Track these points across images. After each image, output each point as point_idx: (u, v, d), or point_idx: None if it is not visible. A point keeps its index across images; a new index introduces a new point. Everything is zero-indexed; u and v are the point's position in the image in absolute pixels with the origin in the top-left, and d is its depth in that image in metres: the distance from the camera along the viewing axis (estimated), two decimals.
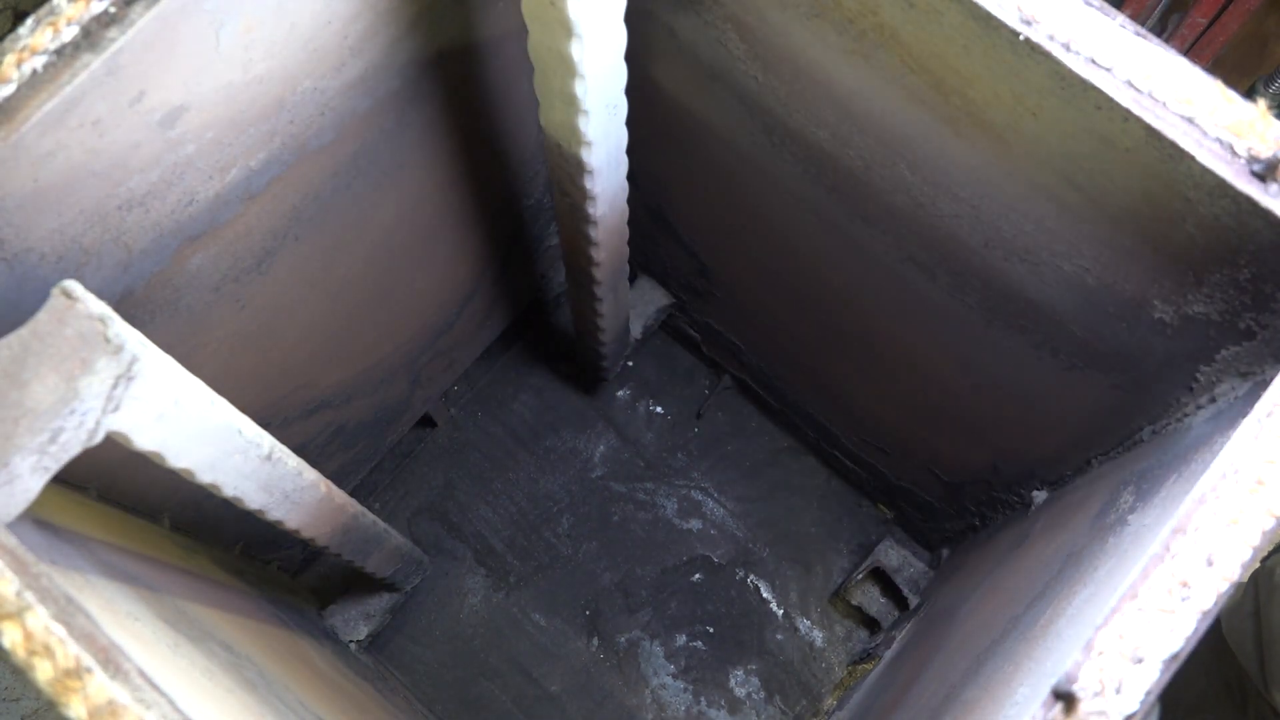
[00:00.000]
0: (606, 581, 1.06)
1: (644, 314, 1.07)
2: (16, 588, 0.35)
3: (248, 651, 0.62)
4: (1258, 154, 0.43)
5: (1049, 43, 0.45)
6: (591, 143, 0.63)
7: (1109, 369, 0.62)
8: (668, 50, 0.70)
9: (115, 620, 0.43)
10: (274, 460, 0.58)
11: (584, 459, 1.10)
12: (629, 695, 1.03)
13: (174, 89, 0.48)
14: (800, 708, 1.03)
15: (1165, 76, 0.44)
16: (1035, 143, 0.51)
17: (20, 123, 0.42)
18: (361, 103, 0.61)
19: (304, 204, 0.64)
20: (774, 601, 1.05)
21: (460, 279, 0.91)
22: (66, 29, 0.42)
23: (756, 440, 1.11)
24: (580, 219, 0.74)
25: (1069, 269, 0.57)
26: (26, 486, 0.41)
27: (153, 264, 0.55)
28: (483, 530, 1.08)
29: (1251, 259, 0.46)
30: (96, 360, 0.41)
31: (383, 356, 0.88)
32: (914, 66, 0.53)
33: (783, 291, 0.88)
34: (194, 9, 0.45)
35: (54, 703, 0.34)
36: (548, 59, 0.57)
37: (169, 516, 0.73)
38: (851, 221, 0.70)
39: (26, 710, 0.96)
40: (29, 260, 0.47)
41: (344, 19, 0.55)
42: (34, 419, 0.40)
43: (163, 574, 0.61)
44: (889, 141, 0.60)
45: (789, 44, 0.59)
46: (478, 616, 1.05)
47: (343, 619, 0.98)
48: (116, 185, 0.49)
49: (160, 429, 0.46)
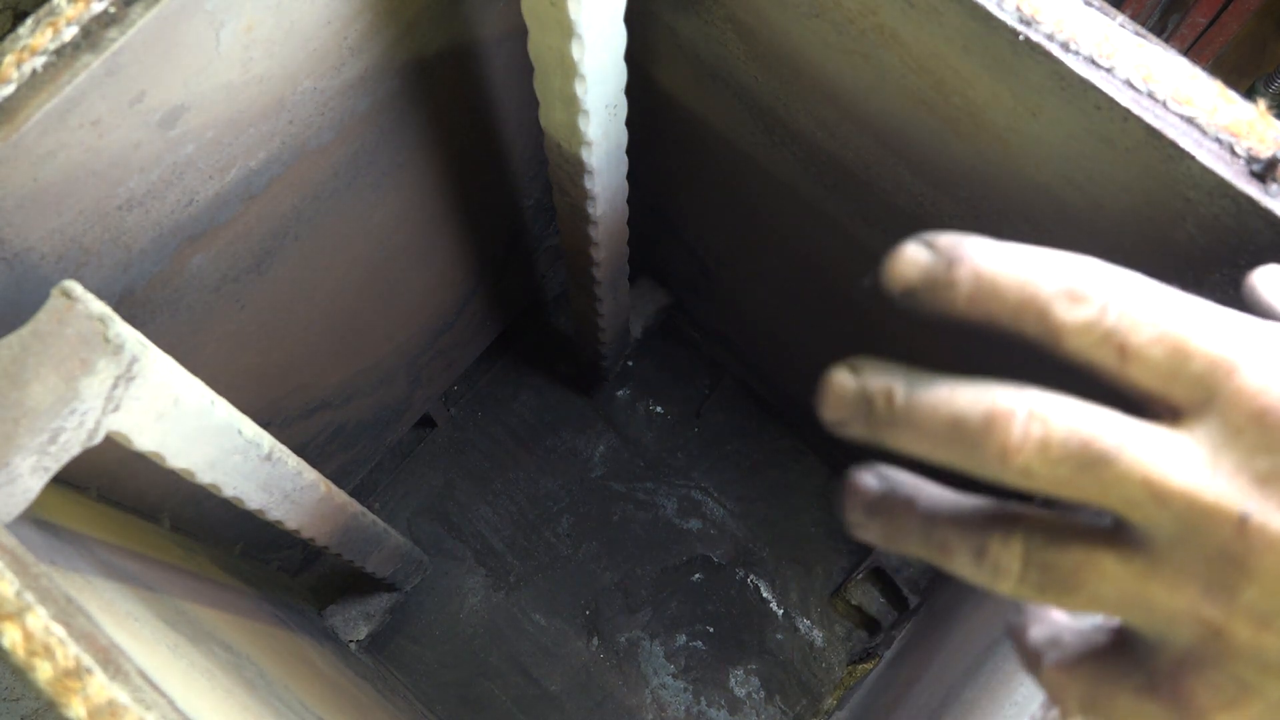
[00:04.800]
0: (606, 581, 1.06)
1: (644, 314, 1.07)
2: (16, 588, 0.35)
3: (248, 651, 0.62)
4: (1258, 154, 0.43)
5: (1049, 43, 0.45)
6: (591, 143, 0.63)
7: None
8: (668, 50, 0.70)
9: (115, 620, 0.43)
10: (274, 460, 0.58)
11: (584, 459, 1.10)
12: (629, 695, 1.03)
13: (174, 89, 0.48)
14: (800, 707, 1.03)
15: (1165, 76, 0.44)
16: (1035, 143, 0.51)
17: (20, 123, 0.42)
18: (361, 102, 0.61)
19: (304, 204, 0.64)
20: (774, 601, 1.05)
21: (460, 279, 0.91)
22: (66, 29, 0.42)
23: (756, 440, 1.11)
24: (580, 219, 0.74)
25: None
26: (26, 486, 0.41)
27: (153, 264, 0.55)
28: (483, 530, 1.08)
29: (1251, 259, 0.46)
30: (96, 360, 0.41)
31: (383, 356, 0.88)
32: (914, 66, 0.53)
33: (783, 291, 0.88)
34: (194, 9, 0.45)
35: (54, 703, 0.34)
36: (548, 59, 0.57)
37: (169, 516, 0.73)
38: (852, 221, 0.70)
39: (26, 710, 0.96)
40: (29, 260, 0.47)
41: (344, 19, 0.55)
42: (34, 419, 0.40)
43: (163, 574, 0.61)
44: (889, 141, 0.60)
45: (789, 44, 0.59)
46: (478, 616, 1.05)
47: (343, 619, 0.98)
48: (116, 185, 0.49)
49: (160, 429, 0.46)
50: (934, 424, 0.25)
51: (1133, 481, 0.23)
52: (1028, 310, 0.25)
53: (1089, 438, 0.24)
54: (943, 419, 0.25)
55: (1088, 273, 0.25)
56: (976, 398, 0.25)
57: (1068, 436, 0.24)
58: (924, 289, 0.26)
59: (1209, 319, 0.24)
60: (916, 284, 0.26)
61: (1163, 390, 0.24)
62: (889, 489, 0.28)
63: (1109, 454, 0.23)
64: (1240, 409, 0.23)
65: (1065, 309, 0.25)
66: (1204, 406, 0.24)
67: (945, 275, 0.25)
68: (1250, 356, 0.24)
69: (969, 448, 0.24)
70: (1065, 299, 0.25)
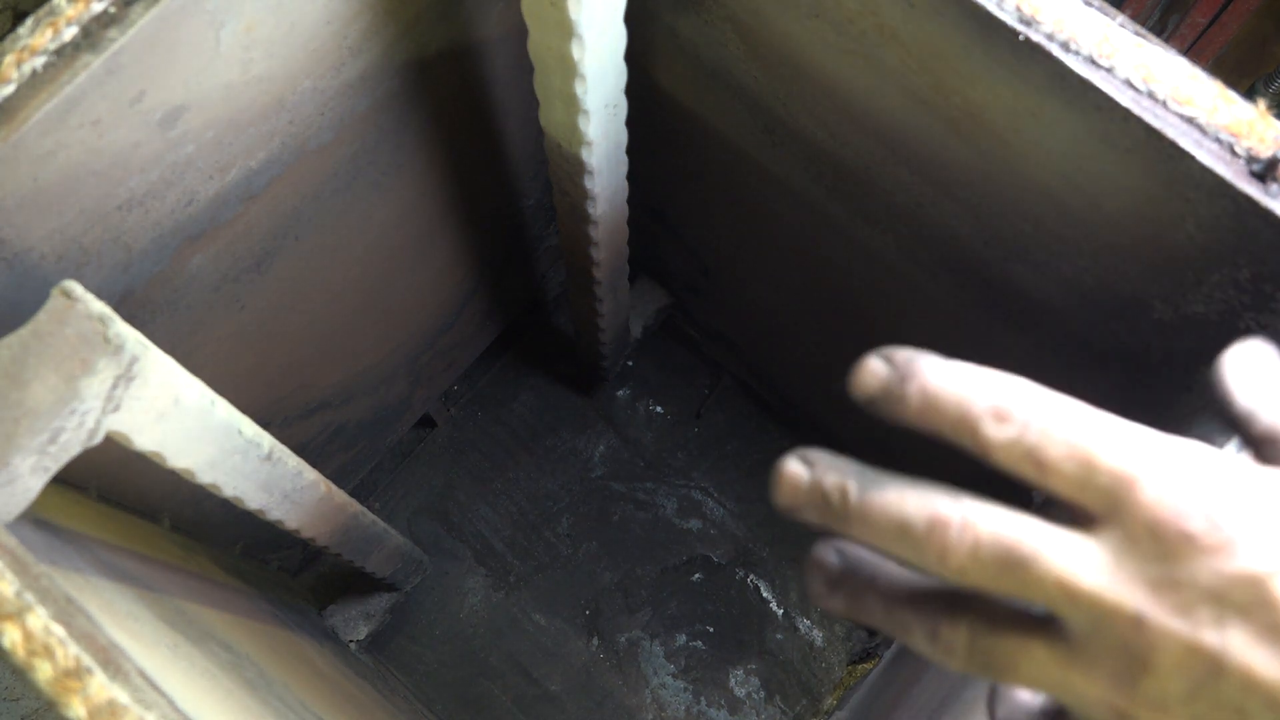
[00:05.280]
0: (606, 581, 1.06)
1: (644, 314, 1.07)
2: (16, 588, 0.35)
3: (248, 651, 0.62)
4: (1258, 154, 0.43)
5: (1049, 43, 0.45)
6: (591, 143, 0.63)
7: (1108, 369, 0.62)
8: (668, 50, 0.69)
9: (115, 620, 0.43)
10: (274, 460, 0.58)
11: (584, 459, 1.10)
12: (629, 695, 1.03)
13: (174, 89, 0.48)
14: (800, 707, 1.03)
15: (1165, 76, 0.44)
16: (1035, 143, 0.51)
17: (20, 123, 0.42)
18: (361, 102, 0.61)
19: (303, 204, 0.64)
20: (774, 601, 1.05)
21: (460, 279, 0.91)
22: (66, 29, 0.42)
23: (756, 440, 1.11)
24: (580, 219, 0.74)
25: (1068, 269, 0.57)
26: (26, 486, 0.41)
27: (153, 264, 0.55)
28: (483, 530, 1.08)
29: (1251, 259, 0.46)
30: (96, 360, 0.41)
31: (383, 356, 0.88)
32: (914, 66, 0.53)
33: (783, 291, 0.88)
34: (194, 9, 0.45)
35: (54, 703, 0.34)
36: (548, 59, 0.57)
37: (169, 516, 0.73)
38: (852, 221, 0.70)
39: (26, 710, 0.96)
40: (29, 260, 0.47)
41: (344, 19, 0.55)
42: (34, 419, 0.40)
43: (163, 574, 0.61)
44: (889, 141, 0.60)
45: (789, 44, 0.59)
46: (478, 616, 1.05)
47: (343, 619, 0.98)
48: (116, 185, 0.49)
49: (160, 429, 0.46)
50: (884, 524, 0.28)
51: (1049, 582, 0.27)
52: (962, 427, 0.28)
53: (1011, 544, 0.27)
54: (892, 520, 0.28)
55: (1014, 394, 0.28)
56: (920, 505, 0.28)
57: (994, 542, 0.27)
58: (881, 400, 0.29)
59: (1116, 436, 0.27)
60: (876, 395, 0.29)
61: (1076, 498, 0.28)
62: (849, 566, 0.31)
63: (1028, 558, 0.27)
64: (1138, 520, 0.27)
65: (992, 427, 0.28)
66: (1110, 515, 0.27)
67: (898, 390, 0.29)
68: (1149, 472, 0.27)
69: (913, 547, 0.28)
70: (992, 418, 0.28)
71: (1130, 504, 0.27)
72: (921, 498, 0.28)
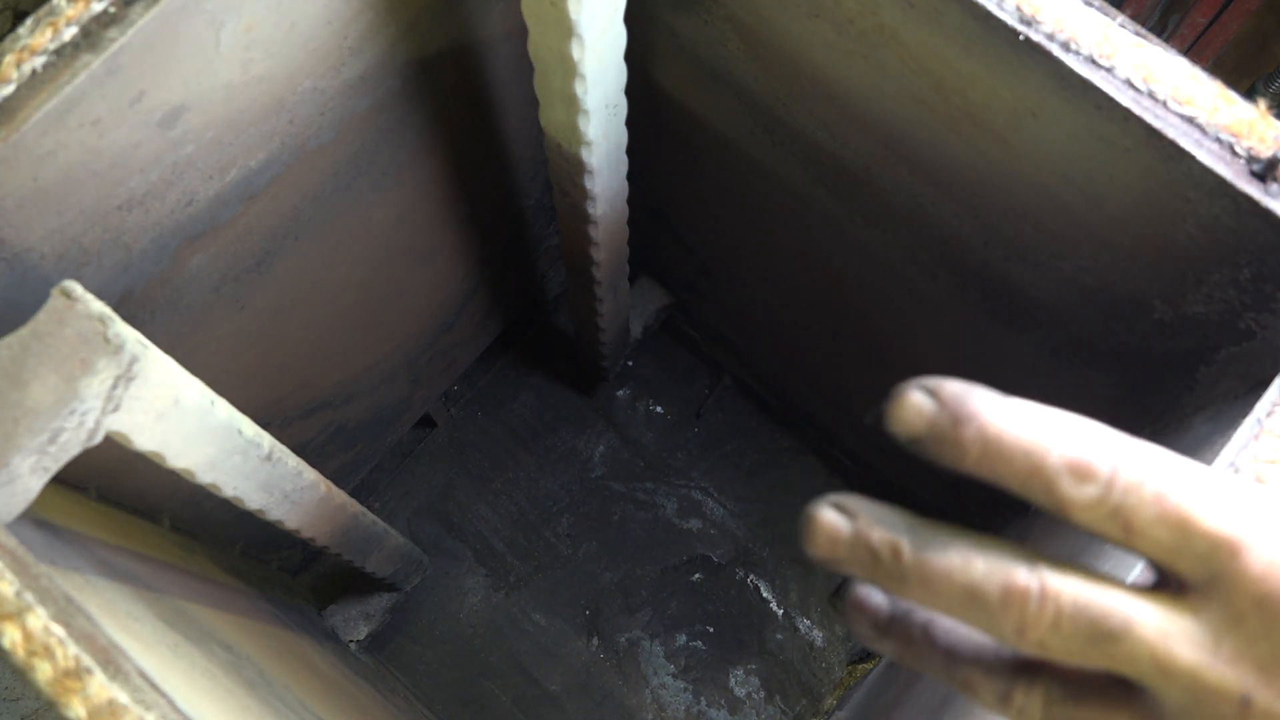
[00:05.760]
0: (606, 581, 1.06)
1: (644, 314, 1.07)
2: (16, 588, 0.35)
3: (248, 651, 0.62)
4: (1258, 154, 0.43)
5: (1049, 43, 0.45)
6: (591, 143, 0.63)
7: (1108, 369, 0.62)
8: (668, 50, 0.69)
9: (115, 620, 0.43)
10: (274, 460, 0.58)
11: (584, 459, 1.10)
12: (629, 695, 1.03)
13: (174, 89, 0.48)
14: (800, 707, 1.03)
15: (1165, 76, 0.44)
16: (1035, 143, 0.51)
17: (20, 123, 0.42)
18: (361, 102, 0.61)
19: (303, 204, 0.64)
20: (774, 601, 1.05)
21: (460, 278, 0.91)
22: (66, 29, 0.42)
23: (756, 440, 1.11)
24: (580, 219, 0.74)
25: (1068, 269, 0.57)
26: (26, 486, 0.41)
27: (153, 264, 0.55)
28: (483, 530, 1.08)
29: (1251, 259, 0.46)
30: (96, 360, 0.41)
31: (383, 356, 0.88)
32: (914, 66, 0.53)
33: (783, 291, 0.88)
34: (194, 9, 0.45)
35: (54, 703, 0.34)
36: (548, 59, 0.57)
37: (169, 516, 0.73)
38: (852, 221, 0.70)
39: (26, 710, 0.96)
40: (29, 260, 0.47)
41: (344, 19, 0.55)
42: (34, 419, 0.40)
43: (163, 574, 0.61)
44: (889, 141, 0.60)
45: (789, 44, 0.59)
46: (478, 616, 1.05)
47: (343, 619, 0.98)
48: (116, 185, 0.49)
49: (160, 429, 0.46)
50: (950, 589, 0.26)
51: (1141, 657, 0.25)
52: (1035, 481, 0.25)
53: (1098, 616, 0.25)
54: (959, 586, 0.26)
55: (1092, 444, 0.25)
56: (991, 571, 0.26)
57: (1079, 615, 0.25)
58: (930, 442, 0.26)
59: (1215, 494, 0.25)
60: (922, 435, 0.26)
61: (1169, 564, 0.25)
62: (899, 611, 0.29)
63: (1117, 632, 0.25)
64: (1243, 593, 0.24)
65: (1070, 486, 0.25)
66: (1208, 585, 0.25)
67: (952, 433, 0.25)
68: (1254, 538, 0.24)
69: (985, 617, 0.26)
70: (1069, 473, 0.25)
71: (1234, 574, 0.24)
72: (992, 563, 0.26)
